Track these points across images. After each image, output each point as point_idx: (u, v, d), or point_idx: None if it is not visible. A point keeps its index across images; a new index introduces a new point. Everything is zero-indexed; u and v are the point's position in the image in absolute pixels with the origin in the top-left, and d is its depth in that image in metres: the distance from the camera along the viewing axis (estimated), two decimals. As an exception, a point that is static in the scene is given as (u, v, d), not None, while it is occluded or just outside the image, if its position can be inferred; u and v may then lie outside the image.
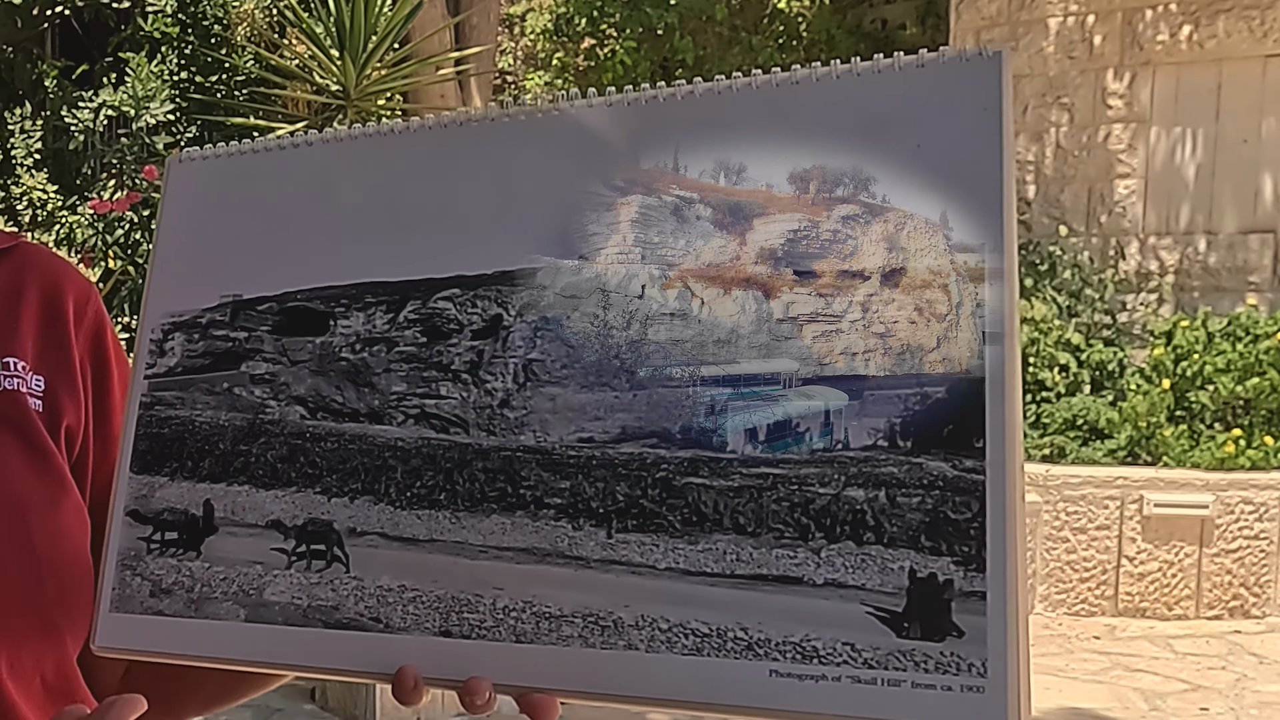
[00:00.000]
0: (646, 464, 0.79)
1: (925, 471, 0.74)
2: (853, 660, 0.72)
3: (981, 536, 0.71)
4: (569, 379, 0.83)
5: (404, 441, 0.87)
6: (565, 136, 0.86)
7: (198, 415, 0.94)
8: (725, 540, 0.77)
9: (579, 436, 0.82)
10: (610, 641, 0.78)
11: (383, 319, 0.90)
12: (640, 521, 0.79)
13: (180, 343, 0.97)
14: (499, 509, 0.82)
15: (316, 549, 0.88)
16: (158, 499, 0.94)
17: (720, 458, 0.78)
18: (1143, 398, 7.19)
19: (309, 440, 0.90)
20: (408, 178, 0.92)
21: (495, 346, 0.86)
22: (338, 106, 7.19)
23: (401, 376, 0.88)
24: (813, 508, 0.75)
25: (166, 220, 1.00)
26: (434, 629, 0.83)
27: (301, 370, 0.92)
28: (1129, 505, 6.86)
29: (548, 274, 0.85)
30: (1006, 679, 0.68)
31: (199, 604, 0.91)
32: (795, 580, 0.75)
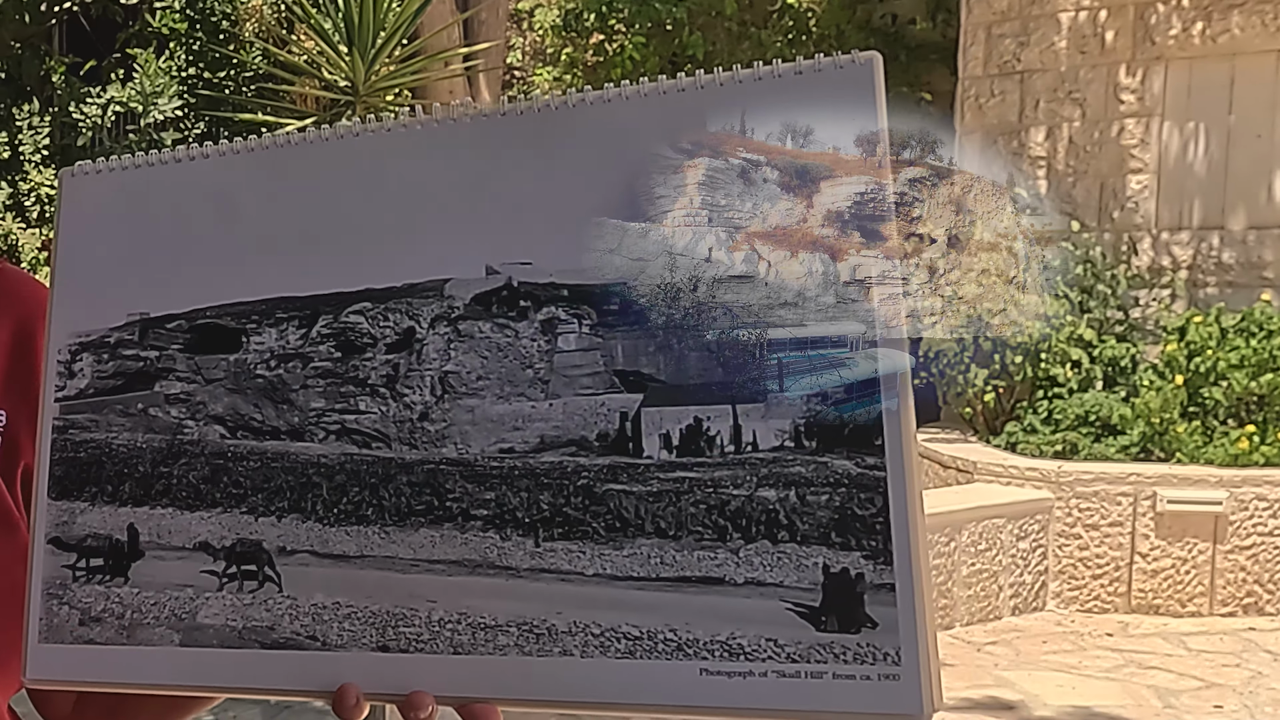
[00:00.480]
0: (567, 472, 0.88)
1: (831, 470, 0.84)
2: (777, 655, 0.82)
3: (887, 530, 0.81)
4: (485, 390, 0.91)
5: (327, 458, 0.95)
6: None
7: (114, 438, 1.01)
8: (649, 544, 0.86)
9: (500, 447, 0.91)
10: (546, 649, 0.87)
11: (295, 334, 0.97)
12: (566, 529, 0.88)
13: (89, 363, 1.02)
14: (427, 522, 0.91)
15: (247, 569, 0.95)
16: (79, 525, 1.00)
17: (637, 463, 0.88)
18: (1156, 394, 7.38)
19: (231, 460, 0.97)
20: (310, 190, 0.98)
21: (410, 360, 0.94)
22: (346, 102, 7.33)
23: (319, 392, 0.96)
24: (728, 509, 0.85)
25: (65, 237, 1.04)
26: (371, 644, 0.91)
27: (217, 389, 0.99)
28: (1142, 502, 7.04)
29: (457, 285, 0.93)
30: (919, 666, 0.79)
31: (131, 630, 0.98)
32: (718, 580, 0.84)
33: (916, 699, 0.78)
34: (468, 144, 0.93)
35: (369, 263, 0.95)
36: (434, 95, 8.78)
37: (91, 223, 1.04)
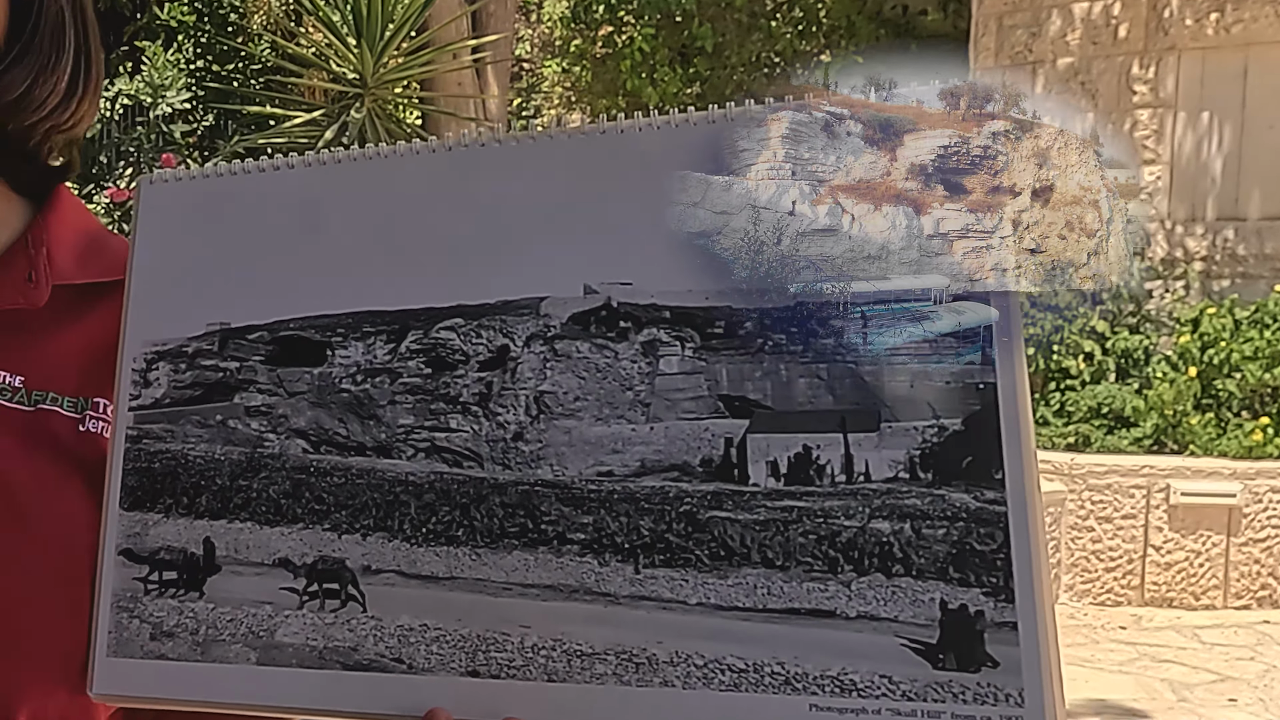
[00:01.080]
0: (669, 498, 0.88)
1: (948, 503, 0.83)
2: (891, 693, 0.81)
3: (1008, 567, 0.81)
4: (582, 411, 0.91)
5: (416, 476, 0.94)
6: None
7: (190, 449, 1.01)
8: (755, 574, 0.86)
9: (598, 470, 0.90)
10: (646, 679, 0.86)
11: (383, 349, 0.97)
12: (667, 556, 0.87)
13: (166, 373, 1.02)
14: (520, 545, 0.90)
15: (329, 588, 0.95)
16: (152, 537, 1.00)
17: (743, 491, 0.87)
18: (1169, 385, 7.43)
19: (313, 475, 0.97)
20: (398, 203, 0.97)
21: (504, 378, 0.94)
22: (354, 94, 7.37)
23: (408, 409, 0.96)
24: (839, 540, 0.85)
25: (142, 243, 1.04)
26: (461, 669, 0.90)
27: (300, 402, 0.99)
28: (1155, 494, 7.08)
29: (554, 304, 0.93)
30: (1044, 706, 0.79)
31: (206, 647, 0.97)
32: (828, 614, 0.84)
33: None
34: (565, 161, 0.93)
35: (461, 278, 0.94)
36: (442, 87, 8.83)
37: (169, 231, 1.04)
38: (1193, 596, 7.19)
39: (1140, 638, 6.70)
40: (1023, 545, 0.80)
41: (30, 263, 1.06)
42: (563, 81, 14.22)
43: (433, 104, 8.81)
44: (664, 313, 0.90)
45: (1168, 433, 7.56)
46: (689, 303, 0.89)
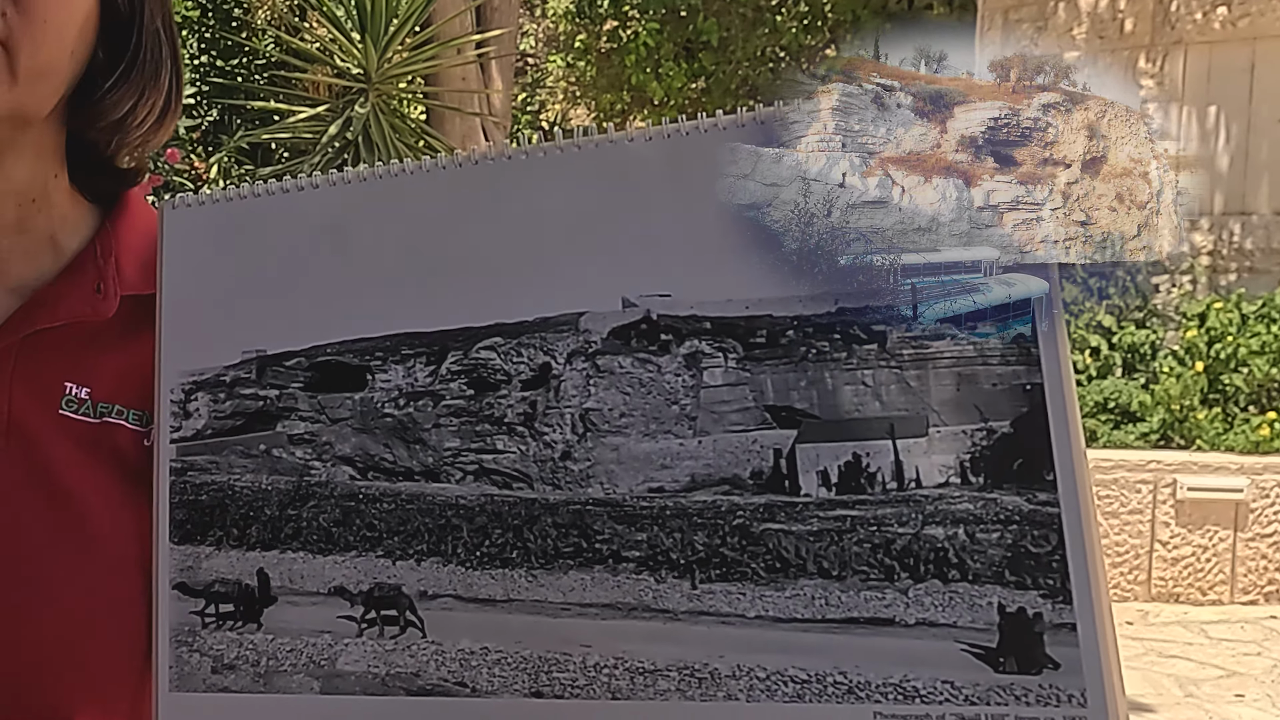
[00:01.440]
0: (722, 512, 0.89)
1: (1001, 506, 0.84)
2: (954, 698, 0.83)
3: (1064, 569, 0.82)
4: (629, 427, 0.92)
5: (466, 499, 0.95)
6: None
7: (236, 479, 1.02)
8: (812, 585, 0.87)
9: (649, 487, 0.91)
10: (709, 693, 0.88)
11: (424, 372, 0.98)
12: (724, 571, 0.89)
13: (205, 403, 1.02)
14: (576, 564, 0.92)
15: (387, 614, 0.96)
16: (205, 570, 1.01)
17: (795, 502, 0.89)
18: (1176, 380, 7.47)
19: (363, 501, 0.98)
20: (428, 220, 0.98)
21: (549, 397, 0.94)
22: (359, 90, 7.40)
23: (453, 431, 0.96)
24: (894, 548, 0.86)
25: (170, 272, 1.05)
26: (524, 690, 0.92)
27: (344, 428, 0.99)
28: (1162, 489, 7.11)
29: (593, 319, 0.94)
30: (1106, 706, 0.80)
31: (268, 678, 0.98)
32: (887, 621, 0.85)
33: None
34: (596, 172, 0.93)
35: (497, 296, 0.95)
36: (446, 82, 8.86)
37: (196, 257, 1.04)
38: (1200, 592, 7.21)
39: (1147, 633, 6.72)
40: (1077, 545, 0.81)
41: (99, 273, 1.07)
42: (567, 76, 14.26)
43: (437, 99, 8.84)
44: (705, 323, 0.90)
45: (1174, 428, 7.60)
46: (729, 313, 0.90)
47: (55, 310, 1.04)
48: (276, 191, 1.02)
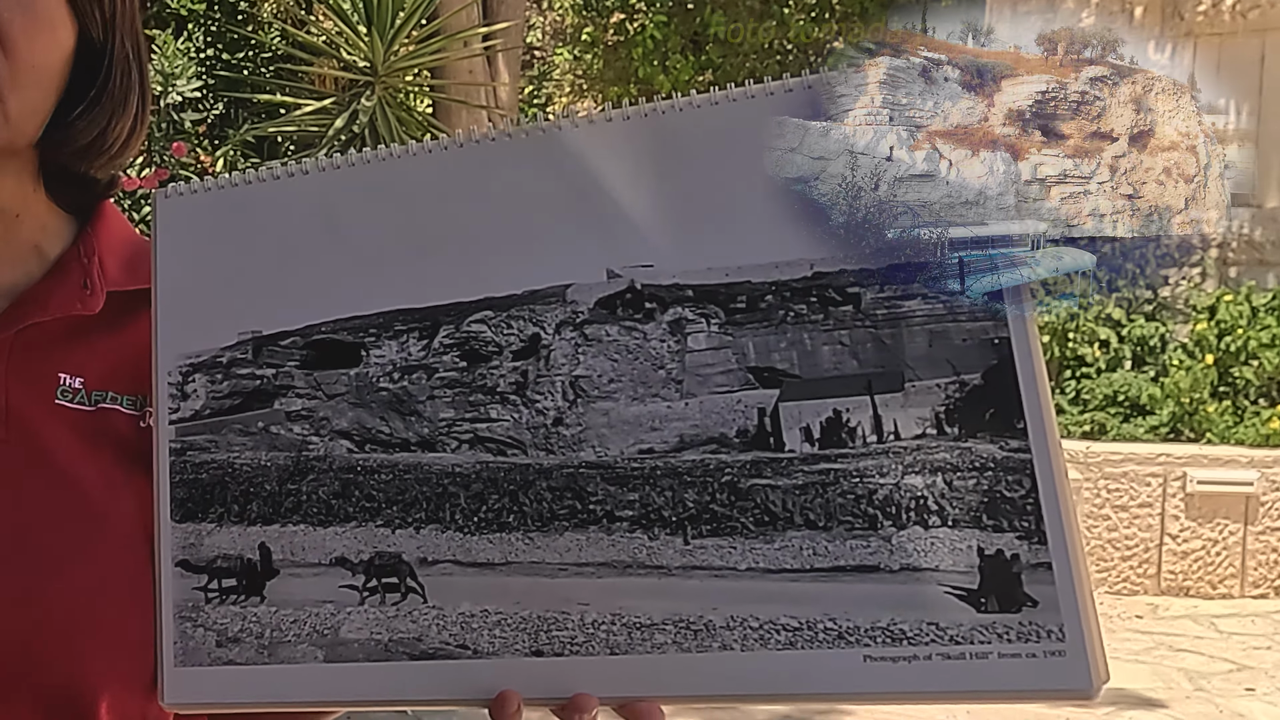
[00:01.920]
0: (710, 470, 0.93)
1: (976, 455, 0.89)
2: (939, 638, 0.87)
3: (1038, 511, 0.87)
4: (618, 392, 0.96)
5: (462, 467, 1.00)
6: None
7: (235, 457, 1.06)
8: (799, 537, 0.92)
9: (639, 448, 0.96)
10: (705, 644, 0.92)
11: (417, 346, 1.02)
12: (714, 526, 0.93)
13: (202, 384, 1.07)
14: (571, 526, 0.96)
15: (388, 582, 1.00)
16: (207, 546, 1.05)
17: (780, 458, 0.94)
18: (1185, 373, 7.57)
19: (361, 473, 1.02)
20: (418, 202, 1.02)
21: (539, 366, 0.99)
22: (365, 83, 7.46)
23: (447, 403, 1.01)
24: (877, 498, 0.91)
25: (164, 259, 1.09)
26: (525, 650, 0.96)
27: (340, 403, 1.04)
28: (1171, 482, 7.18)
29: (579, 290, 0.98)
30: (1084, 641, 0.84)
31: (272, 649, 1.03)
32: (873, 568, 0.90)
33: (1085, 674, 0.84)
34: (579, 150, 0.97)
35: (486, 271, 0.99)
36: (453, 75, 8.91)
37: (190, 243, 1.08)
38: (1210, 585, 7.27)
39: (1157, 627, 6.77)
40: (1049, 489, 0.86)
41: (84, 271, 1.12)
42: (574, 69, 14.31)
43: (443, 92, 8.88)
44: (687, 291, 0.95)
45: (1184, 421, 7.67)
46: (710, 280, 0.94)
47: (46, 305, 1.09)
48: (267, 178, 1.07)
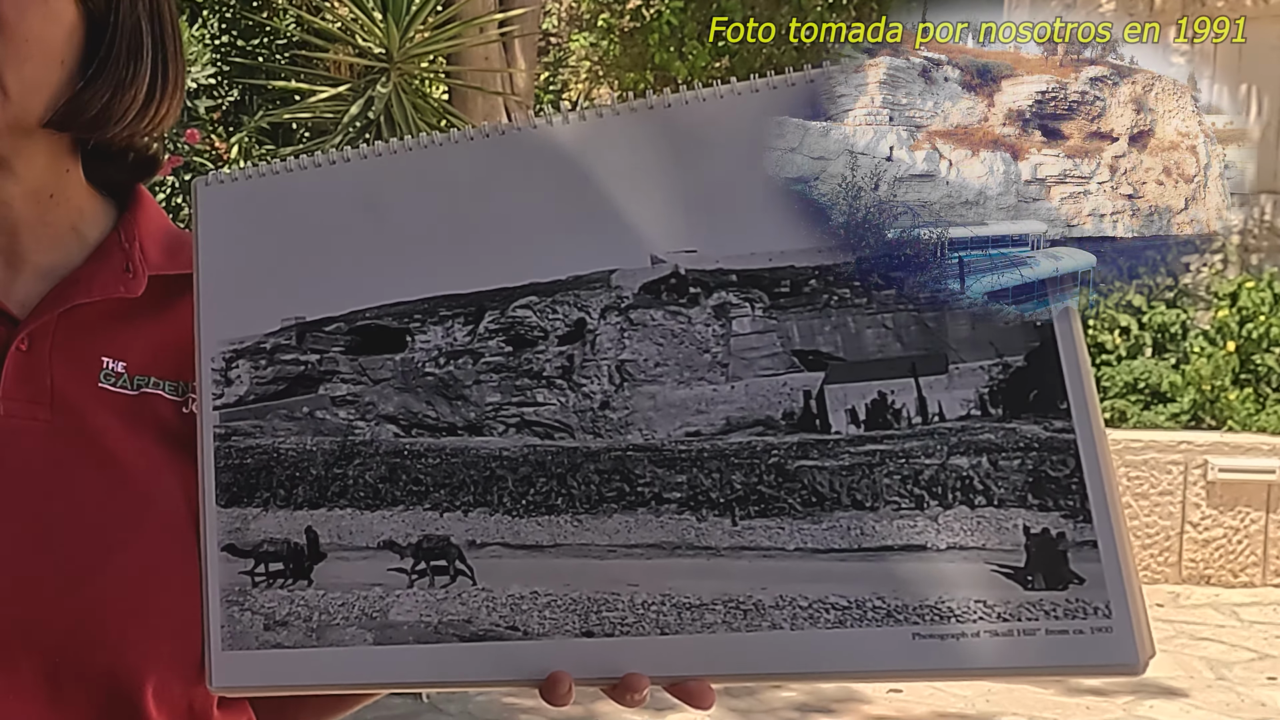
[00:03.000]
0: (757, 452, 0.98)
1: (1020, 435, 0.93)
2: (987, 615, 0.92)
3: (1083, 490, 0.91)
4: (664, 376, 1.01)
5: (509, 451, 1.04)
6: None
7: (281, 442, 1.10)
8: (847, 517, 0.96)
9: (686, 431, 1.00)
10: (754, 624, 0.97)
11: (462, 331, 1.06)
12: (762, 507, 0.98)
13: (246, 370, 1.11)
14: (620, 508, 1.00)
15: (437, 565, 1.04)
16: (253, 531, 1.09)
17: (826, 439, 0.98)
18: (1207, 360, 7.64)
19: (408, 457, 1.06)
20: (461, 188, 1.06)
21: (585, 350, 1.03)
22: (380, 69, 7.49)
23: (494, 387, 1.05)
24: (923, 478, 0.95)
25: (206, 246, 1.13)
26: (575, 631, 1.00)
27: (386, 388, 1.08)
28: (1193, 470, 7.24)
29: (624, 275, 1.02)
30: (1130, 617, 0.89)
31: (320, 632, 1.06)
32: (920, 547, 0.94)
33: (1132, 649, 0.88)
34: (623, 138, 1.01)
35: (530, 258, 1.03)
36: (469, 61, 8.93)
37: (232, 231, 1.12)
38: (1231, 574, 7.32)
39: (1178, 615, 6.82)
40: (1093, 468, 0.90)
41: (126, 255, 1.16)
42: (590, 55, 14.33)
43: (459, 78, 8.90)
44: (731, 276, 0.99)
45: (1205, 408, 7.73)
46: (754, 265, 0.98)
47: (89, 288, 1.13)
48: (309, 166, 1.10)
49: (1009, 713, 5.39)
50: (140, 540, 1.08)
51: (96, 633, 1.04)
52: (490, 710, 5.33)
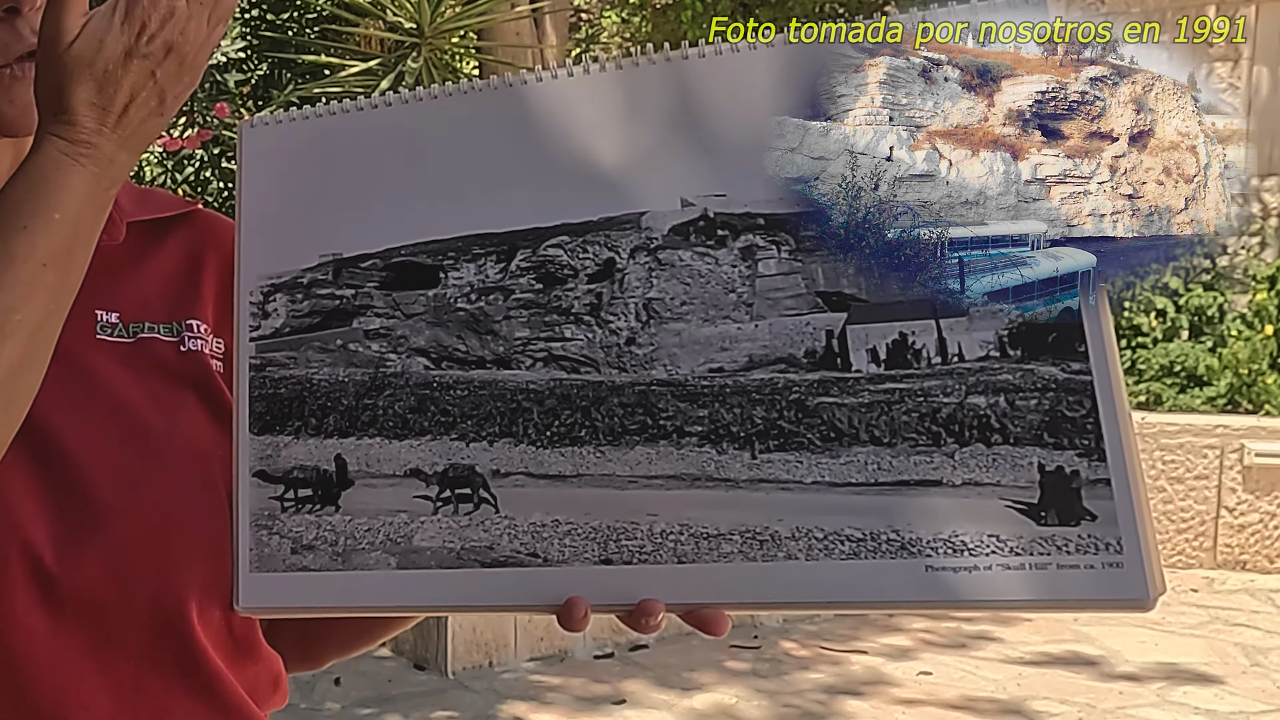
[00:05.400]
0: (778, 388, 0.99)
1: (1038, 376, 0.94)
2: (1000, 550, 0.93)
3: (1098, 430, 0.92)
4: (690, 314, 1.02)
5: (536, 384, 1.06)
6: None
7: (314, 373, 1.12)
8: (864, 452, 0.97)
9: (709, 367, 1.02)
10: (770, 554, 0.98)
11: (494, 269, 1.08)
12: (781, 441, 0.99)
13: (283, 303, 1.13)
14: (642, 440, 1.02)
15: (462, 493, 1.06)
16: (284, 458, 1.11)
17: (847, 377, 0.99)
18: (1244, 344, 7.61)
19: (437, 389, 1.08)
20: (499, 133, 1.08)
21: (613, 288, 1.05)
22: (411, 44, 7.50)
23: (523, 322, 1.07)
24: (940, 416, 0.96)
25: (248, 184, 1.15)
26: (594, 558, 1.02)
27: (418, 323, 1.10)
28: (1229, 455, 7.21)
29: (653, 218, 1.04)
30: (1142, 553, 0.90)
31: (346, 556, 1.09)
32: (935, 483, 0.96)
33: (1142, 584, 0.89)
34: (656, 85, 1.03)
35: (563, 199, 1.05)
36: (500, 37, 8.91)
37: (274, 170, 1.14)
38: (1267, 559, 7.29)
39: (1212, 601, 6.80)
40: (1109, 409, 0.91)
41: None
42: (622, 32, 14.29)
43: (490, 54, 8.88)
44: (758, 220, 1.00)
45: (1242, 392, 7.69)
46: (781, 209, 1.00)
47: None
48: (351, 110, 1.13)
49: (1040, 696, 5.39)
50: (162, 477, 1.10)
51: (133, 568, 1.06)
52: (516, 688, 5.36)
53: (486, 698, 5.30)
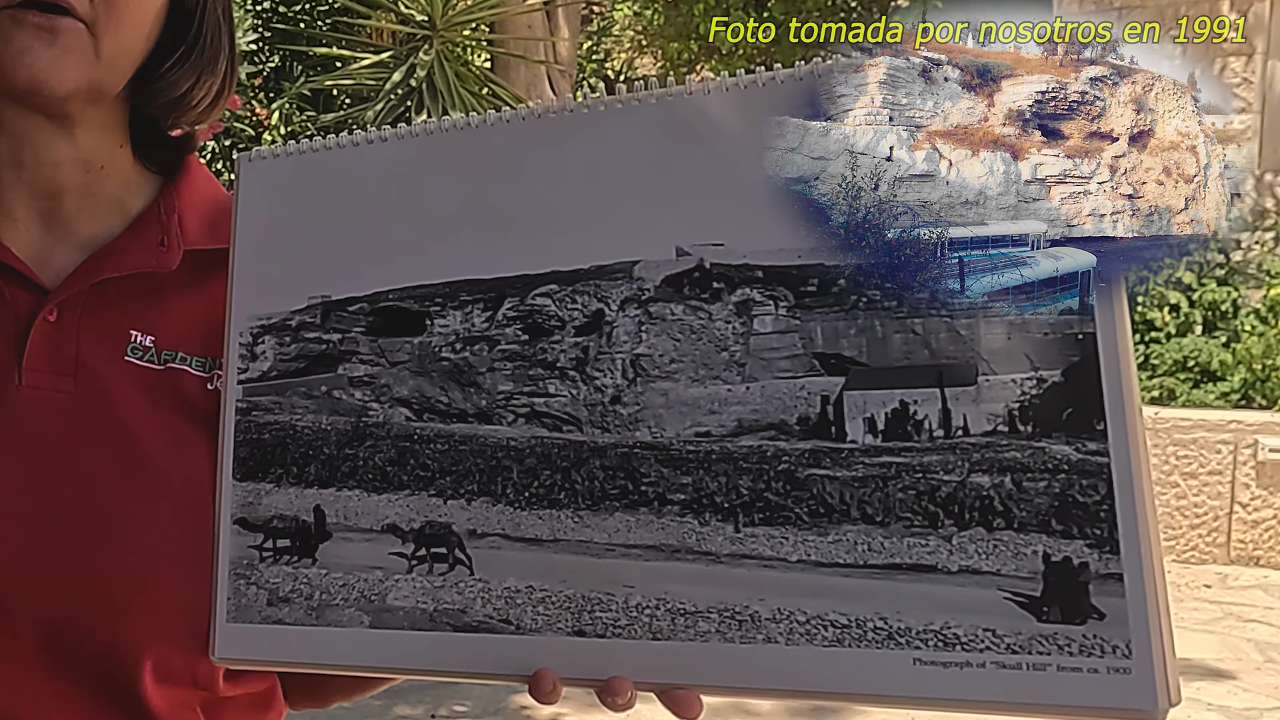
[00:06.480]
0: (767, 457, 0.86)
1: (1049, 455, 0.80)
2: (995, 646, 0.79)
3: (1112, 519, 0.78)
4: (679, 373, 0.89)
5: (516, 441, 0.93)
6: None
7: (298, 420, 1.01)
8: (855, 530, 0.83)
9: (696, 431, 0.88)
10: (749, 636, 0.85)
11: (481, 317, 0.96)
12: (767, 515, 0.86)
13: (271, 346, 1.02)
14: (622, 506, 0.89)
15: (437, 552, 0.94)
16: (265, 506, 1.00)
17: (841, 448, 0.85)
18: (1258, 339, 7.35)
19: (418, 442, 0.96)
20: (492, 173, 0.97)
21: (600, 342, 0.92)
22: (423, 36, 7.39)
23: (507, 375, 0.95)
24: (939, 495, 0.82)
25: (243, 221, 1.05)
26: (567, 629, 0.90)
27: (402, 371, 0.98)
28: (1243, 450, 6.99)
29: (647, 267, 0.91)
30: (1153, 659, 0.75)
31: (320, 611, 0.97)
32: (930, 568, 0.81)
33: (1150, 694, 0.75)
34: (653, 125, 0.91)
35: (554, 244, 0.93)
36: (511, 29, 8.76)
37: (269, 206, 1.04)
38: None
39: (1225, 596, 6.61)
40: (1126, 496, 0.77)
41: (163, 229, 1.09)
42: (634, 25, 14.11)
43: (502, 47, 8.74)
44: (757, 272, 0.88)
45: (1256, 387, 7.46)
46: (781, 261, 0.87)
47: (122, 261, 1.06)
48: (347, 144, 1.02)
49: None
50: (152, 515, 1.00)
51: (97, 604, 0.96)
52: (521, 688, 5.26)
53: (496, 689, 5.14)
